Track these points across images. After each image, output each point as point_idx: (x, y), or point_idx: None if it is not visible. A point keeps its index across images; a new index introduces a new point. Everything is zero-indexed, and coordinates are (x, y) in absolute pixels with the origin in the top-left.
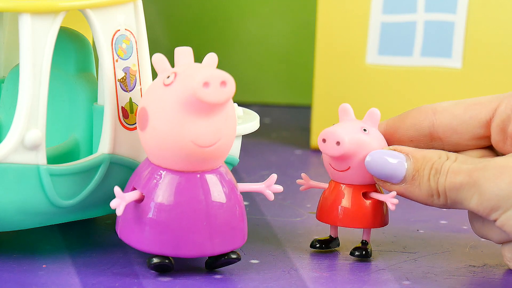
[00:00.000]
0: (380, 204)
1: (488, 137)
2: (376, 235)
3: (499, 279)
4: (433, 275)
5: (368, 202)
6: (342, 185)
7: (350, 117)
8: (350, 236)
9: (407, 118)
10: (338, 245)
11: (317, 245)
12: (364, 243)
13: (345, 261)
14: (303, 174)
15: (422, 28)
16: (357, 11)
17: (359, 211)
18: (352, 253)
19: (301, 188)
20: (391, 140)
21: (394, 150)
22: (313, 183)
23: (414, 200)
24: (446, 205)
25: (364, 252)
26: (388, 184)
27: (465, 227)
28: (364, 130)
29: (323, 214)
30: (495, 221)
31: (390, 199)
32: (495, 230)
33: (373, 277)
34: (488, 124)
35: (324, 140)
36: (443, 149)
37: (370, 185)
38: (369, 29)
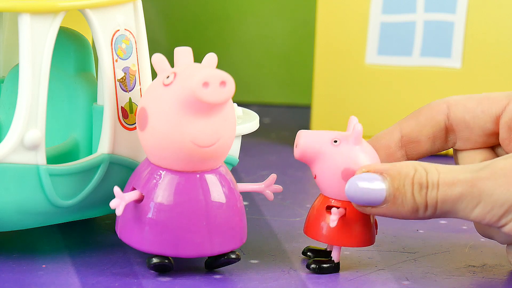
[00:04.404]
0: (365, 221)
1: (497, 134)
2: (376, 235)
3: (498, 279)
4: (433, 275)
5: (333, 218)
6: (324, 199)
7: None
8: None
9: (421, 115)
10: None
11: (308, 253)
12: (329, 260)
13: (344, 261)
14: None
15: (422, 28)
16: (357, 11)
17: (341, 229)
18: (307, 265)
19: None
20: (410, 141)
21: (368, 171)
22: None
23: (396, 218)
24: (433, 217)
25: (317, 267)
26: (369, 208)
27: (465, 227)
28: (335, 141)
29: (309, 229)
30: (502, 227)
31: (331, 218)
32: (500, 232)
33: (372, 277)
34: (498, 119)
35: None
36: (455, 144)
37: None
38: (369, 29)
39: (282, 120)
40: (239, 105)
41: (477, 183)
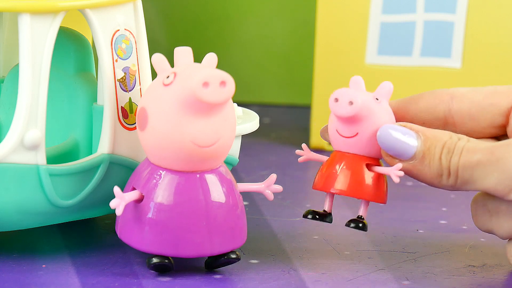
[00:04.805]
0: (381, 180)
1: (505, 126)
2: (376, 235)
3: (498, 279)
4: (433, 275)
5: (369, 173)
6: (344, 154)
7: (360, 89)
8: (343, 232)
9: (421, 101)
10: (331, 220)
11: (309, 216)
12: (360, 218)
13: (344, 261)
14: (303, 145)
15: (422, 28)
16: (357, 11)
17: (360, 181)
18: (347, 224)
19: (299, 159)
20: (402, 121)
21: (405, 126)
22: (313, 155)
23: (421, 180)
24: (455, 186)
25: (361, 224)
26: (396, 160)
27: (465, 227)
28: (377, 99)
29: (321, 181)
30: None
31: (394, 171)
32: (503, 224)
33: (372, 277)
34: (508, 112)
35: (336, 100)
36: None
37: (374, 158)
38: (369, 29)
39: (282, 120)
40: (239, 105)
41: (495, 150)
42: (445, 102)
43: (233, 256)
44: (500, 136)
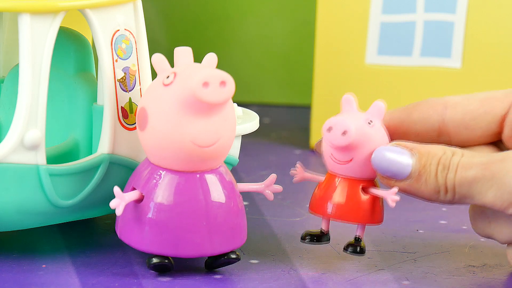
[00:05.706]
0: (377, 201)
1: (500, 133)
2: (376, 235)
3: (498, 279)
4: (433, 275)
5: (365, 197)
6: (339, 178)
7: (353, 109)
8: (343, 232)
9: (415, 111)
10: (329, 240)
11: (308, 238)
12: (357, 240)
13: (344, 261)
14: (298, 164)
15: (422, 28)
16: (357, 11)
17: (355, 205)
18: (345, 249)
19: (294, 179)
20: (396, 133)
21: (398, 145)
22: (308, 174)
23: (418, 197)
24: (453, 201)
25: (358, 248)
26: (393, 181)
27: (464, 227)
28: (369, 122)
29: (316, 205)
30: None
31: (391, 196)
32: (503, 229)
33: (372, 277)
34: (502, 118)
35: (329, 129)
36: (450, 145)
37: (369, 180)
38: (369, 29)
39: (282, 120)
40: (239, 105)
41: (490, 166)
42: (438, 112)
43: (233, 256)
44: (496, 141)
